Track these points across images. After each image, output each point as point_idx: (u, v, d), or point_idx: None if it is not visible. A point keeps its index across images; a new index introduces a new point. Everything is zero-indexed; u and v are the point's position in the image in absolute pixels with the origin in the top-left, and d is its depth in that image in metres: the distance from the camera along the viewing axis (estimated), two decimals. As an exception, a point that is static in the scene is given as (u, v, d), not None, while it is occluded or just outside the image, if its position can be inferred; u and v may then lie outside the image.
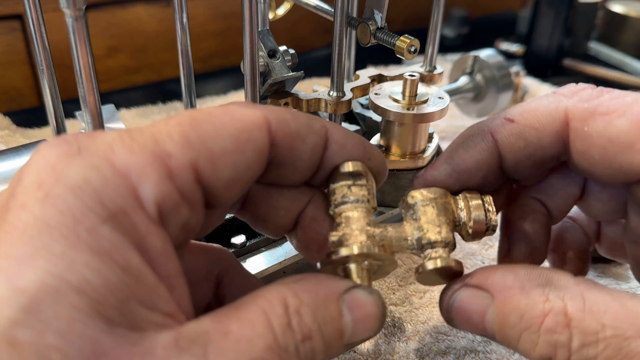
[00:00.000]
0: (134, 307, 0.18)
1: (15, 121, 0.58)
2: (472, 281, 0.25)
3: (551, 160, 0.28)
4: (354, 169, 0.25)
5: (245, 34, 0.33)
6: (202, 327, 0.19)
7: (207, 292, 0.26)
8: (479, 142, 0.28)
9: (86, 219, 0.17)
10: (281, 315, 0.20)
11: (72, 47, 0.29)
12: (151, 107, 0.65)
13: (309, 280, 0.22)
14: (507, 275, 0.25)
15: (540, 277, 0.24)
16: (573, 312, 0.23)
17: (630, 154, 0.25)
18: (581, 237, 0.34)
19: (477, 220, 0.27)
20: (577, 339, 0.22)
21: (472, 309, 0.25)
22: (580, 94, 0.27)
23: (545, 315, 0.23)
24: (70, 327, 0.16)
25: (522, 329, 0.23)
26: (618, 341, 0.22)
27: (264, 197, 0.26)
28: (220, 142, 0.21)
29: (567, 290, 0.23)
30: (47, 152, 0.19)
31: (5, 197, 0.19)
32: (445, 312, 0.26)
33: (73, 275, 0.17)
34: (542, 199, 0.31)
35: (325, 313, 0.21)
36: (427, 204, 0.26)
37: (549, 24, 0.75)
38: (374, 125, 0.46)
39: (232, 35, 0.77)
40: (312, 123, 0.24)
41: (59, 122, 0.35)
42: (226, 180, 0.21)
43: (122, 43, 0.71)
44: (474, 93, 0.56)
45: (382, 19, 0.38)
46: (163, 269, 0.19)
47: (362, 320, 0.22)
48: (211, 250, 0.27)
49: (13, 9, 0.62)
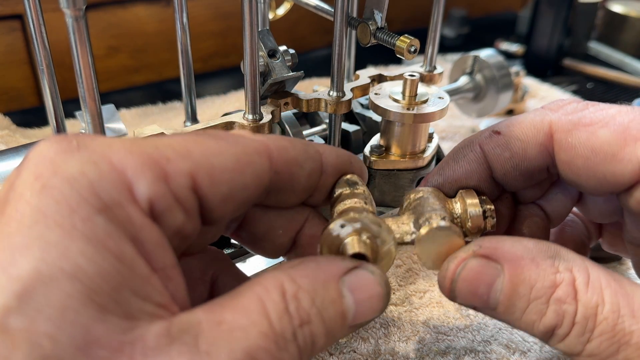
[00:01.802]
0: (127, 296, 0.18)
1: (15, 121, 0.59)
2: (481, 251, 0.25)
3: (539, 172, 0.29)
4: (350, 177, 0.27)
5: (245, 34, 0.33)
6: (194, 317, 0.19)
7: (202, 293, 0.26)
8: (468, 153, 0.29)
9: (81, 209, 0.18)
10: (277, 302, 0.20)
11: (72, 47, 0.29)
12: (151, 107, 0.65)
13: (306, 264, 0.22)
14: (516, 246, 0.25)
15: (549, 249, 0.25)
16: (579, 284, 0.23)
17: (613, 164, 0.25)
18: (581, 231, 0.34)
19: (473, 215, 0.27)
20: (581, 310, 0.23)
21: (480, 279, 0.25)
22: (565, 108, 0.28)
23: (556, 286, 0.23)
24: (63, 314, 0.16)
25: (532, 299, 0.24)
26: (614, 317, 0.23)
27: (262, 217, 0.26)
28: (221, 159, 0.21)
29: (574, 262, 0.24)
30: (46, 147, 0.19)
31: (4, 191, 0.19)
32: (449, 282, 0.25)
33: (67, 263, 0.17)
34: (540, 202, 0.31)
35: (324, 296, 0.21)
36: (421, 196, 0.28)
37: (549, 24, 0.75)
38: (374, 125, 0.46)
39: (232, 35, 0.77)
40: (307, 149, 0.25)
41: (59, 122, 0.35)
42: (223, 196, 0.21)
43: (122, 43, 0.71)
44: (474, 93, 0.56)
45: (382, 19, 0.38)
46: (158, 260, 0.19)
47: (365, 301, 0.22)
48: (206, 252, 0.27)
49: (13, 9, 0.62)
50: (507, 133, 0.28)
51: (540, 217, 0.31)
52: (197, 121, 0.45)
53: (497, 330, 0.36)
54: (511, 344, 0.35)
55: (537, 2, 0.75)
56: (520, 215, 0.31)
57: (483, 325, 0.37)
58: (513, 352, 0.35)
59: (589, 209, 0.32)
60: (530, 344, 0.35)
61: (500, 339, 0.36)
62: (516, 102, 0.65)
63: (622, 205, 0.28)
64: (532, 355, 0.35)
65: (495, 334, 0.36)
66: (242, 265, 0.38)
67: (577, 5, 0.78)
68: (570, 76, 0.78)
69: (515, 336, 0.36)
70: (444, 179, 0.29)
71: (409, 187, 0.42)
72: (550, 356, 0.35)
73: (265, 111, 0.37)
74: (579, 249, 0.34)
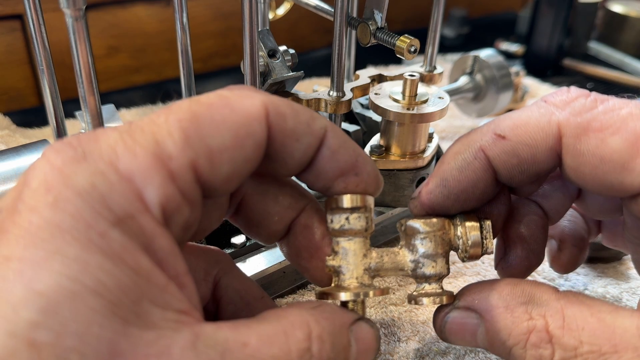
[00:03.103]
0: (148, 307, 0.18)
1: (15, 121, 0.59)
2: (460, 303, 0.27)
3: (546, 173, 0.28)
4: (352, 205, 0.25)
5: (245, 34, 0.33)
6: (221, 333, 0.19)
7: (205, 293, 0.27)
8: (472, 161, 0.27)
9: (97, 224, 0.18)
10: (301, 341, 0.21)
11: (72, 47, 0.29)
12: (151, 107, 0.65)
13: (325, 308, 0.23)
14: (492, 295, 0.26)
15: (522, 294, 0.25)
16: (553, 329, 0.24)
17: (622, 174, 0.24)
18: (581, 225, 0.34)
19: (474, 245, 0.27)
20: (558, 353, 0.24)
21: (463, 329, 0.27)
22: (573, 105, 0.26)
23: (530, 332, 0.24)
24: (88, 329, 0.17)
25: (511, 345, 0.25)
26: (595, 357, 0.23)
27: (259, 202, 0.26)
28: (219, 138, 0.20)
29: (548, 306, 0.25)
30: (53, 156, 0.19)
31: (11, 199, 0.19)
32: (439, 332, 0.28)
33: (88, 278, 0.17)
34: (538, 200, 0.31)
35: (340, 342, 0.22)
36: (425, 237, 0.27)
37: (549, 24, 0.75)
38: (374, 125, 0.46)
39: (232, 35, 0.77)
40: (312, 123, 0.23)
41: (59, 122, 0.35)
42: (224, 176, 0.21)
43: (122, 43, 0.71)
44: (474, 93, 0.56)
45: (382, 19, 0.38)
46: (171, 268, 0.19)
47: (363, 352, 0.23)
48: (209, 252, 0.27)
49: (13, 9, 0.62)
50: (513, 137, 0.26)
51: (538, 215, 0.31)
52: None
53: (497, 330, 0.36)
54: (511, 344, 0.35)
55: (537, 2, 0.75)
56: (518, 214, 0.31)
57: (483, 325, 0.37)
58: (513, 352, 0.35)
59: (588, 206, 0.31)
60: (530, 344, 0.35)
61: (500, 339, 0.36)
62: (516, 102, 0.65)
63: (624, 207, 0.28)
64: (532, 355, 0.35)
65: (495, 334, 0.36)
66: (242, 265, 0.38)
67: (577, 5, 0.78)
68: (570, 76, 0.78)
69: (515, 336, 0.36)
70: (449, 191, 0.27)
71: (409, 187, 0.42)
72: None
73: (265, 111, 0.37)
74: (577, 242, 0.34)
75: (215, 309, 0.27)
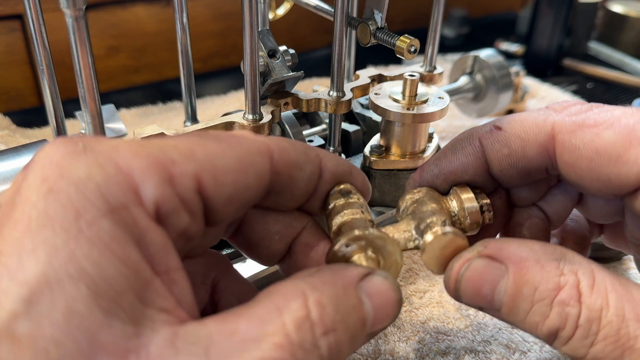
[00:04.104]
0: (132, 301, 0.18)
1: (15, 121, 0.59)
2: (486, 251, 0.25)
3: (537, 172, 0.28)
4: (343, 186, 0.26)
5: (245, 34, 0.33)
6: (204, 328, 0.19)
7: (203, 296, 0.26)
8: (466, 145, 0.29)
9: (87, 212, 0.18)
10: (296, 310, 0.19)
11: (72, 47, 0.29)
12: (151, 107, 0.65)
13: (324, 271, 0.22)
14: (522, 248, 0.25)
15: (554, 251, 0.25)
16: (583, 287, 0.23)
17: (617, 166, 0.25)
18: (583, 225, 0.34)
19: (471, 210, 0.28)
20: (584, 313, 0.23)
21: (484, 279, 0.25)
22: (569, 109, 0.27)
23: (560, 288, 0.23)
24: (69, 319, 0.16)
25: (535, 301, 0.24)
26: (618, 321, 0.23)
27: (260, 221, 0.26)
28: (225, 160, 0.21)
29: (580, 265, 0.24)
30: (52, 150, 0.19)
31: (11, 194, 0.19)
32: (454, 282, 0.26)
33: (73, 267, 0.17)
34: (540, 204, 0.31)
35: (346, 303, 0.21)
36: (417, 199, 0.28)
37: (549, 24, 0.75)
38: (374, 125, 0.46)
39: (232, 35, 0.77)
40: (308, 152, 0.25)
41: (59, 122, 0.35)
42: (227, 197, 0.21)
43: (122, 43, 0.71)
44: (474, 93, 0.56)
45: (382, 19, 0.38)
46: (162, 263, 0.19)
47: (382, 307, 0.22)
48: (208, 255, 0.27)
49: (13, 9, 0.62)
50: (508, 129, 0.28)
51: (540, 218, 0.31)
52: (197, 121, 0.45)
53: (497, 330, 0.36)
54: (511, 344, 0.35)
55: (537, 2, 0.75)
56: (521, 217, 0.31)
57: (483, 325, 0.37)
58: (513, 352, 0.35)
59: (589, 210, 0.31)
60: (530, 344, 0.35)
61: (500, 339, 0.36)
62: (516, 102, 0.65)
63: (625, 207, 0.28)
64: (532, 355, 0.35)
65: (495, 334, 0.36)
66: (242, 265, 0.38)
67: (577, 5, 0.78)
68: (570, 76, 0.78)
69: (515, 336, 0.36)
70: (439, 170, 0.29)
71: (409, 187, 0.42)
72: (550, 356, 0.35)
73: (265, 111, 0.37)
74: (581, 243, 0.34)
75: (214, 311, 0.27)
